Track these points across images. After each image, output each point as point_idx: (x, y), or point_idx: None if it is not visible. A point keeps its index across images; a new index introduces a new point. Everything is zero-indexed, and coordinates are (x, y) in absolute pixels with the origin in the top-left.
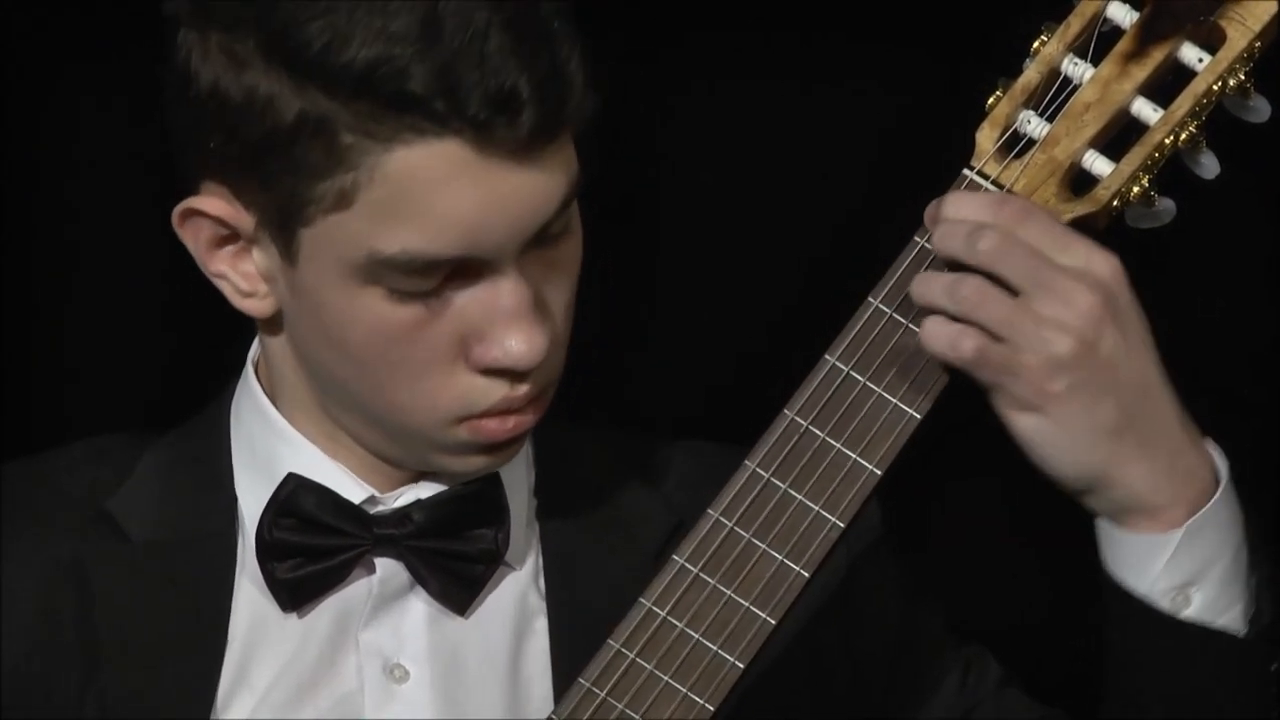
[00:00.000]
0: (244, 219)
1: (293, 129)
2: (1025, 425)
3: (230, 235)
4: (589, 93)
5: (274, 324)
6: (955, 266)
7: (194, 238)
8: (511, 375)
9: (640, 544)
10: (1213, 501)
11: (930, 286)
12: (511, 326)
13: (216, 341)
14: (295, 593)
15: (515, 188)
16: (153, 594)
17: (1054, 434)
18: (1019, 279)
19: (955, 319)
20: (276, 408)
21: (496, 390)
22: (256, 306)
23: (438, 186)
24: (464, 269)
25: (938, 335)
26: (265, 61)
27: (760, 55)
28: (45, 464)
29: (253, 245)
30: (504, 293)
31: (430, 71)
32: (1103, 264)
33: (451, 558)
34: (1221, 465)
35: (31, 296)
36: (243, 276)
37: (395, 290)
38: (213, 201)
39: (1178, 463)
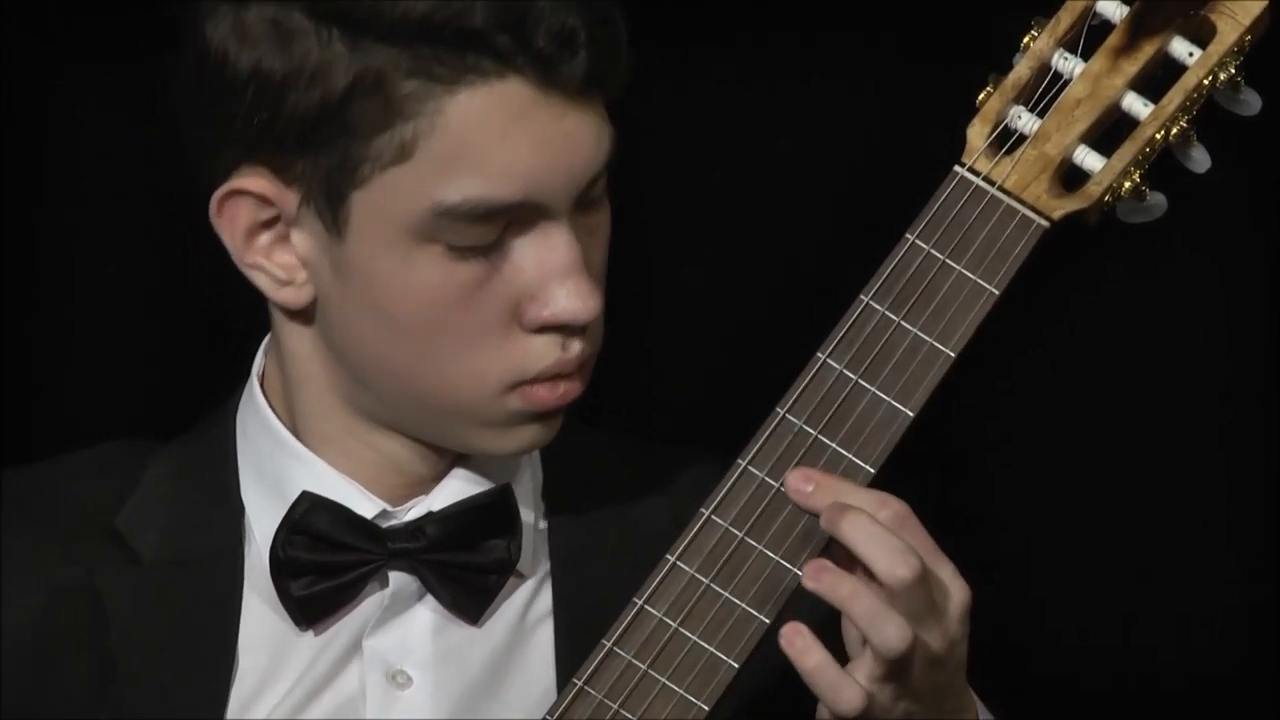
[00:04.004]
0: (287, 197)
1: (348, 89)
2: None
3: (269, 220)
4: (630, 54)
5: (304, 316)
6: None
7: (231, 225)
8: (564, 336)
9: (648, 549)
10: None
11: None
12: (567, 281)
13: (217, 342)
14: (310, 609)
15: (573, 131)
16: (163, 614)
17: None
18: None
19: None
20: (286, 421)
21: (549, 353)
22: (293, 296)
23: (500, 131)
24: (520, 221)
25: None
26: (314, 26)
27: (750, 52)
28: (51, 473)
29: (292, 228)
30: (559, 245)
31: (492, 9)
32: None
33: (464, 569)
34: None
35: (32, 295)
36: (280, 266)
37: (454, 247)
38: (255, 180)
39: None
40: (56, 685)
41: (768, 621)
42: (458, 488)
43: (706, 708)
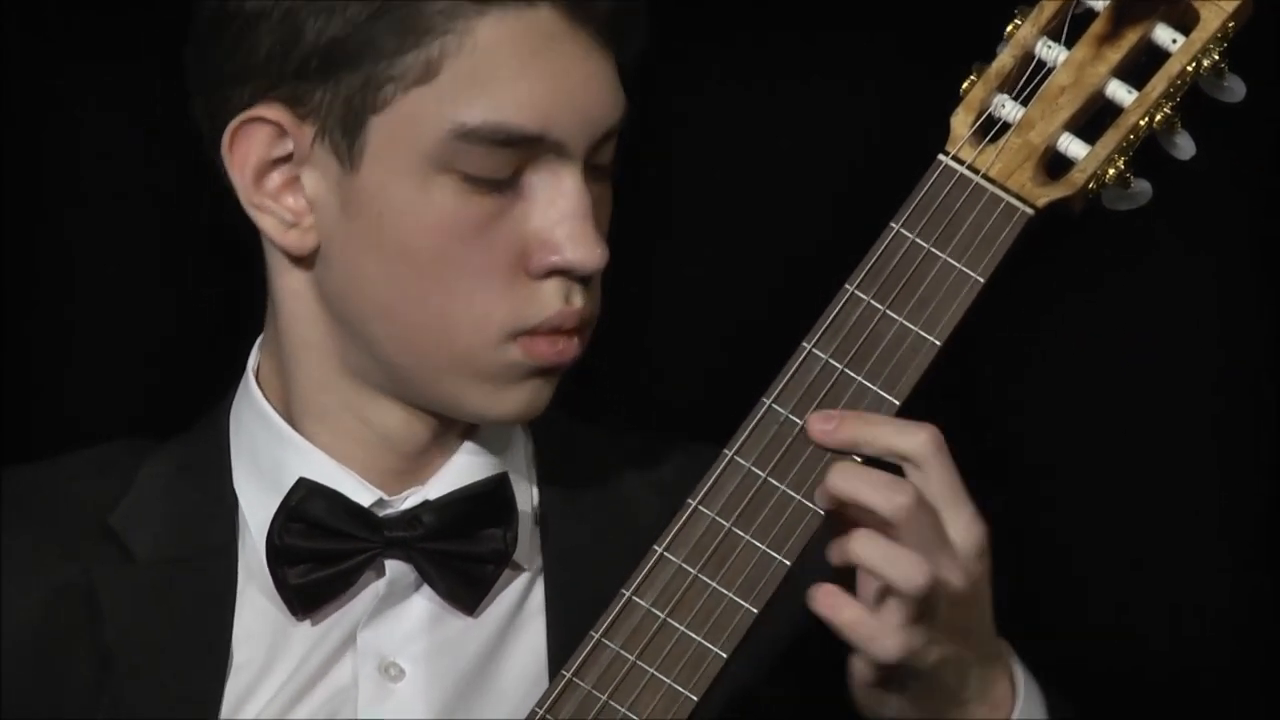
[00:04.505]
0: (302, 132)
1: (378, 8)
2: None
3: (280, 159)
4: (648, 16)
5: (304, 265)
6: None
7: (243, 161)
8: (568, 287)
9: (643, 541)
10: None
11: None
12: (576, 227)
13: (217, 342)
14: (306, 598)
15: (594, 74)
16: (159, 611)
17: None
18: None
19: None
20: (282, 411)
21: (552, 303)
22: (298, 240)
23: (525, 58)
24: (535, 160)
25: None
26: None
27: (750, 52)
28: (48, 473)
29: (303, 167)
30: (570, 190)
31: None
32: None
33: (461, 559)
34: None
35: (32, 295)
36: (287, 209)
37: (469, 178)
38: (271, 109)
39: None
40: (56, 684)
41: (755, 611)
42: (454, 477)
43: (695, 698)
